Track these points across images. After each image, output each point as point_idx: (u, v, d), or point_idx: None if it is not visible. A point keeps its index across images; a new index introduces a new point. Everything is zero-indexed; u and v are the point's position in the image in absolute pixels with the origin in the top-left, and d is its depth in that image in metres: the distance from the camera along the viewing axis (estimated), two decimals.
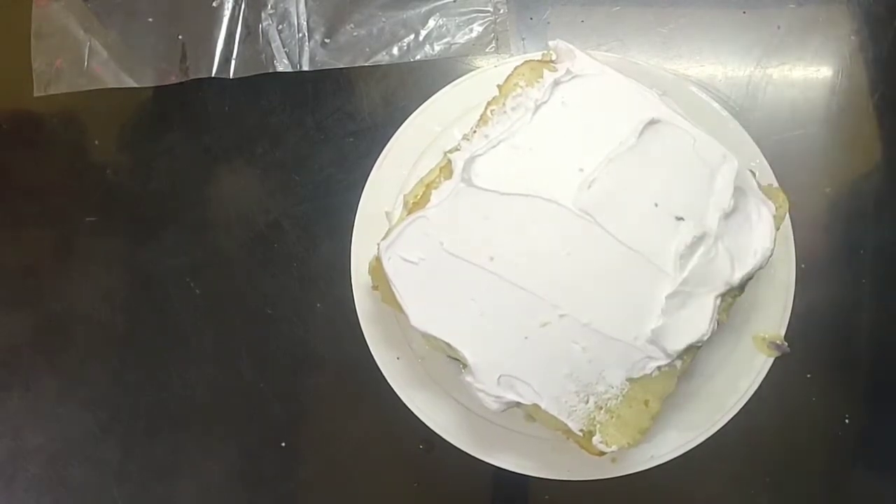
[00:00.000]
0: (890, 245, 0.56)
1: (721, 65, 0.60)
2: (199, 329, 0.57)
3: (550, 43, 0.47)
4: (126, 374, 0.57)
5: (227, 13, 0.62)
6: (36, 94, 0.62)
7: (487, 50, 0.61)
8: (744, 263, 0.44)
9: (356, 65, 0.61)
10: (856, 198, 0.57)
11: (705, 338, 0.43)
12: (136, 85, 0.62)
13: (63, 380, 0.58)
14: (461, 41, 0.61)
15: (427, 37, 0.61)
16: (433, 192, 0.46)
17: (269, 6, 0.62)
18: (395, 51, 0.61)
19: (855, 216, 0.57)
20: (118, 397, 0.57)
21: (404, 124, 0.54)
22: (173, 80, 0.61)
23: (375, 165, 0.53)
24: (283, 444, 0.55)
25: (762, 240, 0.44)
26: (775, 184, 0.50)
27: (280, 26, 0.62)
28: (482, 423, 0.50)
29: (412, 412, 0.50)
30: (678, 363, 0.44)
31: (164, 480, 0.56)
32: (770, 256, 0.44)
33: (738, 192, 0.44)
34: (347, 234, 0.52)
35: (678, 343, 0.43)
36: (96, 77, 0.62)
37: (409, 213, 0.46)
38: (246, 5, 0.62)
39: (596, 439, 0.43)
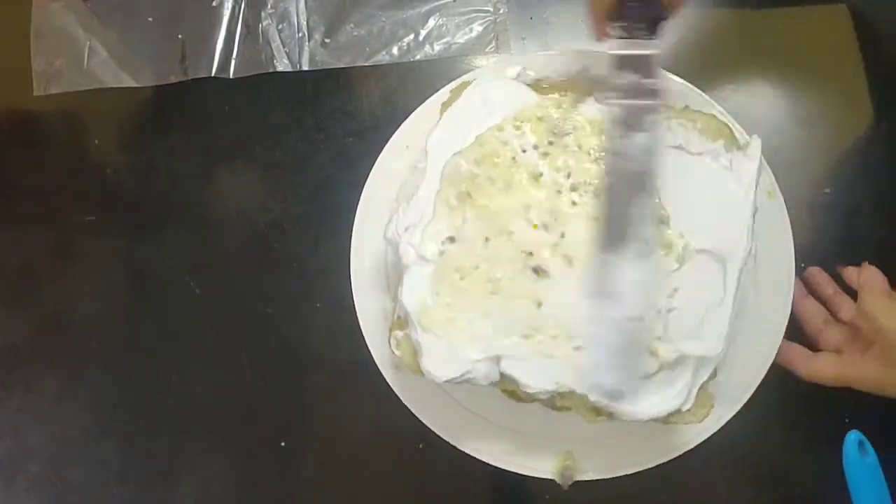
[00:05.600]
0: (889, 245, 0.56)
1: (721, 65, 0.60)
2: (199, 329, 0.57)
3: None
4: (126, 374, 0.57)
5: (227, 13, 0.62)
6: (36, 93, 0.62)
7: (487, 50, 0.61)
8: None
9: (356, 65, 0.61)
10: (855, 198, 0.57)
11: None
12: (136, 85, 0.61)
13: (63, 380, 0.57)
14: (461, 41, 0.61)
15: (427, 37, 0.61)
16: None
17: (269, 6, 0.62)
18: (395, 51, 0.61)
19: (854, 216, 0.57)
20: (118, 397, 0.57)
21: (406, 121, 0.54)
22: (173, 79, 0.61)
23: (376, 164, 0.53)
24: (283, 444, 0.55)
25: None
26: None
27: (280, 26, 0.62)
28: (478, 420, 0.50)
29: (411, 411, 0.50)
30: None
31: (164, 480, 0.56)
32: None
33: None
34: (347, 234, 0.52)
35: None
36: (96, 77, 0.62)
37: None
38: (246, 5, 0.62)
39: None
